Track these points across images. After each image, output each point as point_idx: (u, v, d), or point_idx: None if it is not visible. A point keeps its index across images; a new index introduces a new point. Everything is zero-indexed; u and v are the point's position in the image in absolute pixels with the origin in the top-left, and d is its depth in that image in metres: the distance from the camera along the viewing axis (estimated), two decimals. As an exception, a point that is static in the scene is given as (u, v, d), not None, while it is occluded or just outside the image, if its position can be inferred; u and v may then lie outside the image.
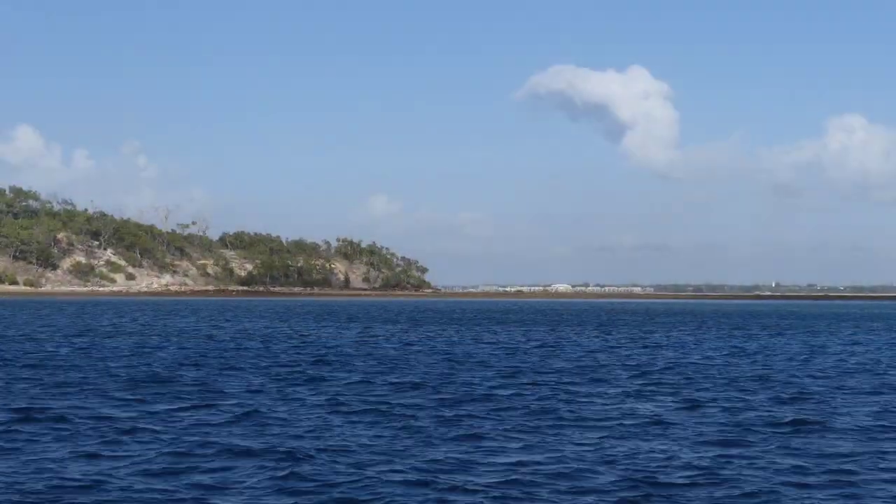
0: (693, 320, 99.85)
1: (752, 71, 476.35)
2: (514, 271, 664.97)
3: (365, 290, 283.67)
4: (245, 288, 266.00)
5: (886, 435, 20.57)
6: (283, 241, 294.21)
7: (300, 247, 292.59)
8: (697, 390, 28.86)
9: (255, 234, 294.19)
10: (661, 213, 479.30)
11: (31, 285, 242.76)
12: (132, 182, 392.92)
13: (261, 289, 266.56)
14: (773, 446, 18.95)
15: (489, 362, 39.11)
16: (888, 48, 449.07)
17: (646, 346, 51.84)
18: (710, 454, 18.01)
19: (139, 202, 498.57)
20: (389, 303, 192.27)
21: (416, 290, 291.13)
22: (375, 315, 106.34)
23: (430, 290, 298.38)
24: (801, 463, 17.30)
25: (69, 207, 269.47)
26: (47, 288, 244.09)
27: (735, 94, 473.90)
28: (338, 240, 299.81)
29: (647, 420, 22.24)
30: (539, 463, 17.08)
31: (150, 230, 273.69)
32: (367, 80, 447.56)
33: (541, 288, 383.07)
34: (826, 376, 34.19)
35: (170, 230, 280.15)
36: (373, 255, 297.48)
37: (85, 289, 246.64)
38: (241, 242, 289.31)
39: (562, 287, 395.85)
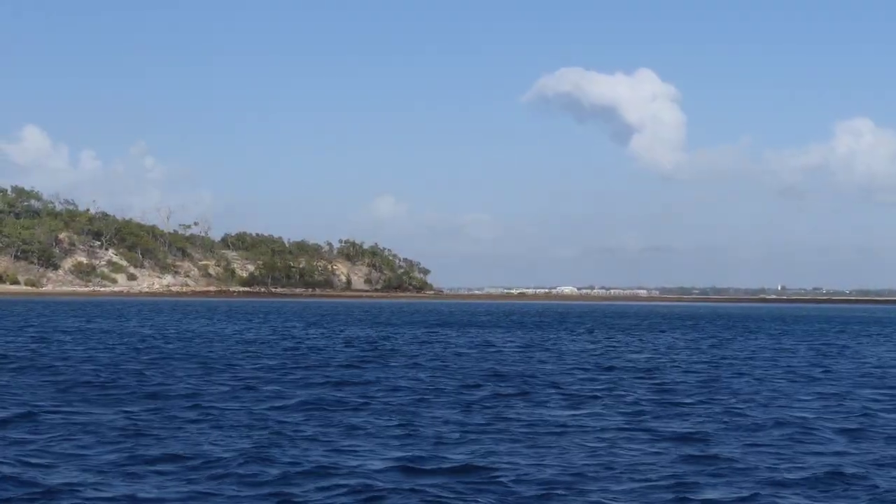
0: (684, 323, 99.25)
1: (759, 74, 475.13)
2: (521, 273, 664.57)
3: (367, 291, 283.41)
4: (246, 289, 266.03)
5: (768, 449, 20.05)
6: (286, 242, 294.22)
7: (302, 248, 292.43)
8: (624, 396, 28.36)
9: (257, 234, 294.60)
10: (667, 215, 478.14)
11: (33, 285, 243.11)
12: (139, 183, 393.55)
13: (262, 290, 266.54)
14: (644, 455, 18.45)
15: (426, 363, 38.65)
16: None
17: (615, 349, 51.36)
18: (566, 462, 17.53)
19: (146, 203, 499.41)
20: (384, 304, 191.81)
21: (417, 292, 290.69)
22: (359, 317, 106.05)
23: (432, 292, 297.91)
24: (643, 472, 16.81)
25: (71, 207, 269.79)
26: (48, 288, 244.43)
27: (742, 98, 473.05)
28: (340, 241, 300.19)
29: (545, 425, 21.74)
30: (397, 469, 16.61)
31: (152, 231, 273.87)
32: (374, 81, 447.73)
33: (545, 290, 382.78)
34: (768, 381, 33.62)
35: (172, 231, 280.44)
36: (375, 257, 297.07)
37: (86, 289, 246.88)
38: (244, 243, 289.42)
39: (567, 289, 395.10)
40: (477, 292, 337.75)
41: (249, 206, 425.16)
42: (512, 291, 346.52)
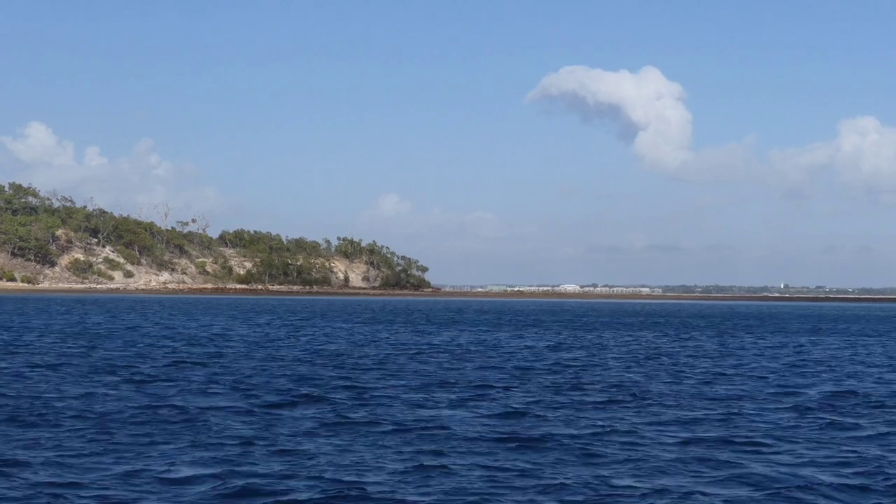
0: (649, 322, 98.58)
1: (765, 73, 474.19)
2: (527, 271, 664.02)
3: (364, 289, 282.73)
4: (244, 286, 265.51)
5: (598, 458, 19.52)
6: (284, 240, 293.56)
7: (300, 245, 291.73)
8: (505, 395, 27.84)
9: (255, 232, 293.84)
10: (672, 214, 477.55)
11: (29, 282, 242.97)
12: (145, 180, 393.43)
13: (259, 287, 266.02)
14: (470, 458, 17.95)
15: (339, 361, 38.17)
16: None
17: (550, 347, 50.79)
18: (392, 461, 17.06)
19: (152, 200, 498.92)
20: (370, 301, 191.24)
21: (415, 290, 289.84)
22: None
23: (429, 290, 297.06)
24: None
25: (68, 204, 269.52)
26: (45, 285, 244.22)
27: (748, 97, 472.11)
28: (338, 238, 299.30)
29: (385, 424, 21.29)
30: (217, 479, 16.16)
31: (150, 227, 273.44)
32: (379, 80, 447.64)
33: (549, 288, 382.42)
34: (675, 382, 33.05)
35: (169, 228, 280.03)
36: (372, 255, 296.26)
37: (82, 286, 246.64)
38: (241, 241, 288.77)
39: (569, 287, 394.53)
40: (477, 290, 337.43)
41: (254, 204, 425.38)
42: (509, 289, 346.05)
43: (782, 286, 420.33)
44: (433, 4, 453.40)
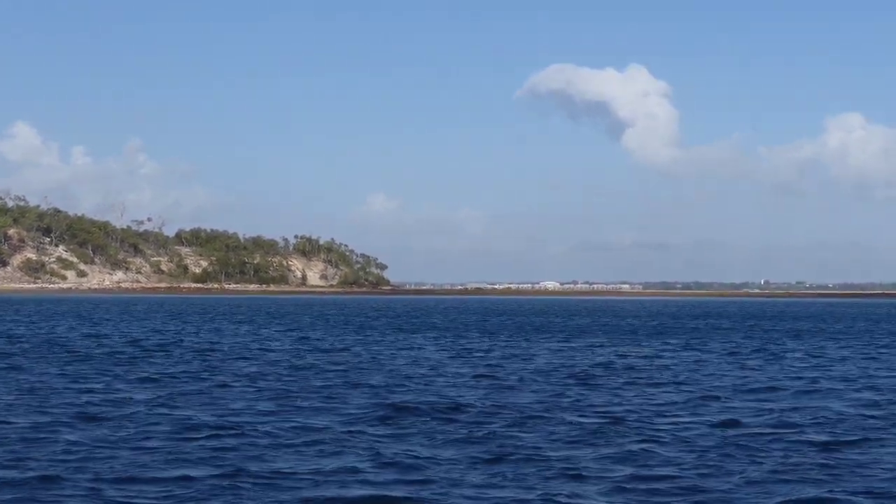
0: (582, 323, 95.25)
1: (751, 70, 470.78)
2: (513, 269, 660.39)
3: (321, 288, 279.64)
4: (198, 285, 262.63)
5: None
6: (241, 238, 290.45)
7: (257, 244, 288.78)
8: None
9: (212, 230, 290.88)
10: (660, 211, 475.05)
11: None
12: (132, 179, 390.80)
13: (215, 286, 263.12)
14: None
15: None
16: (887, 48, 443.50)
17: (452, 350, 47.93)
18: None
19: (139, 199, 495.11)
20: (291, 301, 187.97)
21: (374, 288, 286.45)
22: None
23: (388, 288, 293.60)
24: None
25: (22, 203, 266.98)
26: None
27: (734, 93, 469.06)
28: (295, 237, 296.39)
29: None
30: None
31: (104, 227, 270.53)
32: (370, 78, 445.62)
33: (529, 285, 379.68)
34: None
35: (125, 227, 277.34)
36: (330, 253, 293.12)
37: (34, 286, 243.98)
38: (198, 239, 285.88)
39: (549, 285, 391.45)
40: (440, 288, 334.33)
41: (245, 202, 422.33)
42: (467, 287, 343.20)
43: (762, 282, 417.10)
44: (419, 4, 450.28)
